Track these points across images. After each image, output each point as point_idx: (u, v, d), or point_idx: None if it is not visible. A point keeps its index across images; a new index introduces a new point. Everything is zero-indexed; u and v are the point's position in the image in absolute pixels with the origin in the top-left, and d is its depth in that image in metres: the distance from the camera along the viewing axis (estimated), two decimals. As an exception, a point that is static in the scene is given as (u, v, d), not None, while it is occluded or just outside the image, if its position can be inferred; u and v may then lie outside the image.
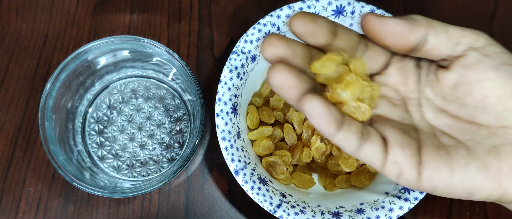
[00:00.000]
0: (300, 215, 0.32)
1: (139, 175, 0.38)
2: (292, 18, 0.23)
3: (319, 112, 0.21)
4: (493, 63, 0.23)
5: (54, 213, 0.38)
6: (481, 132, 0.24)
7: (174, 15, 0.43)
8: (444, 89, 0.24)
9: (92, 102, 0.39)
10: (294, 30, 0.23)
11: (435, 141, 0.24)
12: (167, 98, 0.40)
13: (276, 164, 0.35)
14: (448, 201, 0.39)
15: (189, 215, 0.38)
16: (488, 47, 0.23)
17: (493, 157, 0.23)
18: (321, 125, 0.21)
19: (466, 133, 0.24)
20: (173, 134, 0.39)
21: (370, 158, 0.23)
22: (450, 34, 0.23)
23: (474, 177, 0.23)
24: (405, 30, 0.23)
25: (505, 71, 0.22)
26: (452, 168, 0.23)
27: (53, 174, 0.39)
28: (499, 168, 0.23)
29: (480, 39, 0.23)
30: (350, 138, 0.22)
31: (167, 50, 0.35)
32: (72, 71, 0.35)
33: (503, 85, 0.22)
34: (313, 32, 0.23)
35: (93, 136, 0.39)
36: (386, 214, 0.32)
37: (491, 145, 0.23)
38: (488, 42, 0.23)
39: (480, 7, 0.45)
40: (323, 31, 0.23)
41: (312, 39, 0.23)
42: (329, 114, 0.21)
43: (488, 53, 0.23)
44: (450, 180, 0.23)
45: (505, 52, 0.23)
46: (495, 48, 0.23)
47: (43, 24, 0.43)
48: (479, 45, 0.23)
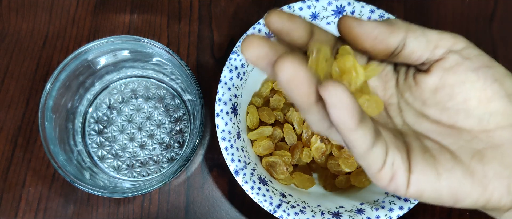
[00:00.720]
0: (300, 215, 0.32)
1: (139, 175, 0.38)
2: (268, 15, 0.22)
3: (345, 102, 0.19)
4: (473, 66, 0.23)
5: (54, 213, 0.38)
6: (464, 136, 0.23)
7: (174, 15, 0.43)
8: (424, 93, 0.24)
9: (92, 102, 0.39)
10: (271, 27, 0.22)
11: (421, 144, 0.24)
12: (167, 98, 0.40)
13: (276, 164, 0.35)
14: (448, 201, 0.39)
15: (189, 215, 0.38)
16: (467, 50, 0.23)
17: (477, 162, 0.23)
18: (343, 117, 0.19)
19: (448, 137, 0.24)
20: (173, 134, 0.39)
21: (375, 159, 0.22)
22: (429, 37, 0.23)
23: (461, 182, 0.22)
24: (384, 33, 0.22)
25: (484, 73, 0.22)
26: (438, 173, 0.22)
27: (53, 174, 0.39)
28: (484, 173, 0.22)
29: (459, 42, 0.23)
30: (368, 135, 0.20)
31: (167, 50, 0.35)
32: (72, 71, 0.35)
33: (484, 87, 0.22)
34: (290, 30, 0.22)
35: (93, 136, 0.39)
36: (386, 214, 0.32)
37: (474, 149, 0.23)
38: (466, 45, 0.23)
39: (480, 8, 0.45)
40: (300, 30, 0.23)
41: (288, 37, 0.23)
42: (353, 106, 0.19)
43: (467, 56, 0.23)
44: (437, 184, 0.22)
45: (483, 55, 0.23)
46: (474, 50, 0.23)
47: (43, 24, 0.43)
48: (458, 48, 0.23)
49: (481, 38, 0.44)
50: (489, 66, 0.23)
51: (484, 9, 0.45)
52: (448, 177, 0.22)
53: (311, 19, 0.34)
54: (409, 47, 0.23)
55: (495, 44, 0.44)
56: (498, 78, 0.22)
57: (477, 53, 0.23)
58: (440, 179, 0.22)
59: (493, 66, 0.23)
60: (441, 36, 0.23)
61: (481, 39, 0.44)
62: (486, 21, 0.44)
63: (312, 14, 0.34)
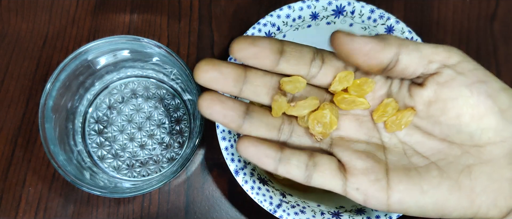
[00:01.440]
0: (300, 215, 0.32)
1: (139, 175, 0.38)
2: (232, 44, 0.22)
3: (253, 154, 0.23)
4: (467, 81, 0.22)
5: (54, 213, 0.38)
6: (454, 151, 0.23)
7: (174, 15, 0.43)
8: (417, 105, 0.24)
9: (92, 102, 0.39)
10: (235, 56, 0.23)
11: (405, 161, 0.24)
12: (167, 98, 0.40)
13: (276, 164, 0.35)
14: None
15: (189, 215, 0.38)
16: (461, 64, 0.23)
17: (465, 177, 0.23)
18: (258, 164, 0.23)
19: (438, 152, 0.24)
20: (173, 134, 0.39)
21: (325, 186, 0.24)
22: (422, 52, 0.23)
23: (446, 197, 0.23)
24: (376, 49, 0.22)
25: (478, 88, 0.22)
26: (423, 190, 0.23)
27: (53, 174, 0.39)
28: (472, 188, 0.23)
29: (453, 55, 0.23)
30: (291, 170, 0.23)
31: (167, 50, 0.35)
32: (72, 71, 0.35)
33: (477, 104, 0.22)
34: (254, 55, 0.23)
35: (93, 136, 0.39)
36: (386, 214, 0.32)
37: (463, 164, 0.23)
38: (461, 59, 0.23)
39: (481, 7, 0.44)
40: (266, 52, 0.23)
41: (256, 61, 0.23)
42: (262, 154, 0.23)
43: (461, 71, 0.22)
44: (421, 201, 0.23)
45: (478, 69, 0.23)
46: (468, 64, 0.23)
47: (43, 24, 0.43)
48: (453, 62, 0.23)
49: (482, 37, 0.44)
50: (484, 81, 0.22)
51: (485, 8, 0.44)
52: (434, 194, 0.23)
53: (311, 19, 0.34)
54: (402, 63, 0.23)
55: (496, 43, 0.44)
56: (491, 93, 0.22)
57: (472, 67, 0.23)
58: (425, 196, 0.23)
59: (487, 81, 0.22)
60: (435, 50, 0.23)
61: (482, 38, 0.44)
62: (487, 20, 0.44)
63: (312, 14, 0.34)
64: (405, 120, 0.24)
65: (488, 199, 0.23)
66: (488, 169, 0.23)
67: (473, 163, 0.23)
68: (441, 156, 0.24)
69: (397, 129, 0.24)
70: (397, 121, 0.24)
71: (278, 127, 0.24)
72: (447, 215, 0.23)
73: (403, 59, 0.23)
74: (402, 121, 0.24)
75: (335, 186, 0.24)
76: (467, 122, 0.23)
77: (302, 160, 0.24)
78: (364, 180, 0.23)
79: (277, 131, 0.24)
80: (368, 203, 0.23)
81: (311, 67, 0.24)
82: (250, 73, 0.23)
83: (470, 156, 0.23)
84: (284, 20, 0.34)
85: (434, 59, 0.23)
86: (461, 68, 0.23)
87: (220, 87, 0.23)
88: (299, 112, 0.24)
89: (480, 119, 0.22)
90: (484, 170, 0.23)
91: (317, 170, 0.23)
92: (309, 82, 0.25)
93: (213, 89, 0.23)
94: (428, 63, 0.23)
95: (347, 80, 0.24)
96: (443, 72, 0.23)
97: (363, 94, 0.25)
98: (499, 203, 0.23)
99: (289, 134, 0.25)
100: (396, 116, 0.24)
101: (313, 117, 0.24)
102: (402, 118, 0.24)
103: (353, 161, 0.23)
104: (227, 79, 0.23)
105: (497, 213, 0.23)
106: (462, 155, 0.23)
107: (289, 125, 0.25)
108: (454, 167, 0.23)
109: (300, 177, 0.24)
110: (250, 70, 0.24)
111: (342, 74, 0.24)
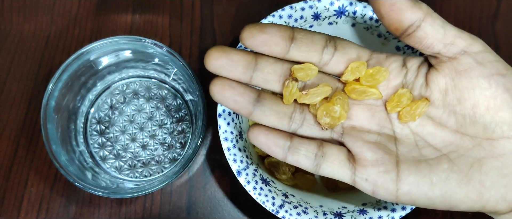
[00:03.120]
0: (303, 215, 0.32)
1: (141, 176, 0.38)
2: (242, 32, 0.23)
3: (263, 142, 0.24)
4: (486, 72, 0.22)
5: (56, 213, 0.38)
6: (465, 144, 0.23)
7: (176, 15, 0.43)
8: (433, 94, 0.24)
9: (94, 103, 0.39)
10: (245, 44, 0.23)
11: (416, 153, 0.24)
12: (169, 98, 0.40)
13: (278, 164, 0.35)
14: (451, 201, 0.39)
15: (191, 215, 0.38)
16: (482, 54, 0.22)
17: (475, 171, 0.23)
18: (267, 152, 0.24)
19: (450, 144, 0.24)
20: (175, 134, 0.39)
21: (333, 175, 0.24)
22: (447, 31, 0.22)
23: (455, 191, 0.23)
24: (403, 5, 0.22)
25: (496, 81, 0.22)
26: (432, 182, 0.23)
27: (55, 174, 0.39)
28: (481, 182, 0.22)
29: (476, 44, 0.22)
30: (300, 159, 0.24)
31: (169, 50, 0.35)
32: (74, 71, 0.35)
33: (494, 96, 0.22)
34: (264, 42, 0.23)
35: (95, 137, 0.39)
36: (388, 214, 0.32)
37: (474, 158, 0.23)
38: (483, 49, 0.22)
39: (483, 6, 0.44)
40: (276, 39, 0.23)
41: (266, 48, 0.23)
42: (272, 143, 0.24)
43: (482, 61, 0.22)
44: (430, 193, 0.23)
45: (499, 61, 0.22)
46: (489, 56, 0.22)
47: (45, 25, 0.43)
48: (474, 50, 0.22)
49: (484, 36, 0.44)
50: (503, 74, 0.22)
51: (488, 7, 0.44)
52: (442, 187, 0.23)
53: (313, 20, 0.34)
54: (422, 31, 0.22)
55: (498, 42, 0.43)
56: (510, 87, 0.22)
57: (493, 59, 0.22)
58: (433, 189, 0.23)
59: (507, 74, 0.22)
60: (460, 34, 0.22)
61: (484, 37, 0.43)
62: (489, 19, 0.44)
63: (314, 14, 0.34)
64: (420, 110, 0.24)
65: (498, 193, 0.23)
66: (499, 163, 0.23)
67: (484, 156, 0.23)
68: (453, 148, 0.24)
69: (411, 120, 0.24)
70: (411, 111, 0.24)
71: (289, 115, 0.25)
72: (454, 208, 0.23)
73: (425, 27, 0.22)
74: (417, 111, 0.24)
75: (344, 176, 0.24)
76: (482, 113, 0.23)
77: (311, 149, 0.24)
78: (373, 171, 0.23)
79: (288, 119, 0.25)
80: (376, 194, 0.24)
81: (323, 54, 0.24)
82: (261, 60, 0.24)
83: (481, 149, 0.23)
84: (286, 20, 0.34)
85: (457, 42, 0.22)
86: (482, 58, 0.22)
87: (230, 74, 0.23)
88: (311, 100, 0.24)
89: (496, 112, 0.22)
90: (495, 165, 0.23)
91: (326, 160, 0.24)
92: (321, 70, 0.25)
93: (223, 76, 0.23)
94: (450, 44, 0.22)
95: (359, 71, 0.24)
96: (462, 59, 0.22)
97: (376, 84, 0.24)
98: (508, 197, 0.23)
99: (301, 122, 0.25)
100: (410, 107, 0.24)
101: (323, 109, 0.24)
102: (417, 109, 0.24)
103: (363, 152, 0.24)
104: (237, 66, 0.23)
105: (505, 207, 0.23)
106: (474, 148, 0.23)
107: (301, 114, 0.25)
108: (465, 160, 0.23)
109: (308, 166, 0.24)
110: (261, 57, 0.24)
111: (354, 65, 0.24)
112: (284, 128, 0.25)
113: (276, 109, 0.24)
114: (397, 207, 0.32)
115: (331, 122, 0.24)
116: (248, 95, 0.23)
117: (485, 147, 0.23)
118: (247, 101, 0.23)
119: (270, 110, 0.24)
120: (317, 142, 0.24)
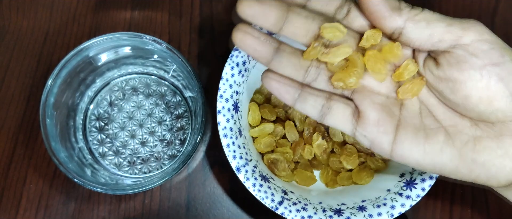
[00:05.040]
0: (302, 212, 0.32)
1: (140, 172, 0.38)
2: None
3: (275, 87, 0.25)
4: (479, 63, 0.22)
5: (55, 210, 0.38)
6: (464, 121, 0.24)
7: (175, 11, 0.43)
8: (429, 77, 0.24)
9: (93, 99, 0.39)
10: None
11: (417, 120, 0.25)
12: (168, 95, 0.40)
13: (277, 161, 0.35)
14: (450, 198, 0.39)
15: (190, 212, 0.38)
16: (475, 44, 0.22)
17: (469, 149, 0.23)
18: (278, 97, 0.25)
19: (450, 119, 0.24)
20: (174, 131, 0.39)
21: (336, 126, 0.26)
22: (433, 30, 0.22)
23: (445, 163, 0.23)
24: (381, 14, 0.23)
25: (489, 72, 0.22)
26: (425, 152, 0.24)
27: (54, 171, 0.39)
28: (474, 159, 0.23)
29: (468, 34, 0.22)
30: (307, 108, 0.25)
31: (168, 47, 0.34)
32: (73, 68, 0.35)
33: (487, 87, 0.22)
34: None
35: (94, 133, 0.39)
36: (388, 211, 0.32)
37: (470, 135, 0.23)
38: (476, 38, 0.22)
39: (482, 3, 0.44)
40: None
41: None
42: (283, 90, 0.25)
43: (474, 51, 0.22)
44: (421, 161, 0.24)
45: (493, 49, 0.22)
46: (483, 45, 0.22)
47: (44, 21, 0.43)
48: (466, 41, 0.22)
49: (484, 34, 0.44)
50: (497, 63, 0.22)
51: (487, 4, 0.44)
52: (434, 157, 0.24)
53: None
54: (405, 36, 0.23)
55: (498, 40, 0.43)
56: (504, 76, 0.22)
57: (487, 48, 0.22)
58: (425, 158, 0.24)
59: (501, 63, 0.22)
60: (448, 29, 0.22)
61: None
62: (488, 16, 0.44)
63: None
64: (416, 88, 0.25)
65: (489, 172, 0.23)
66: (493, 144, 0.23)
67: (481, 136, 0.23)
68: (452, 122, 0.24)
69: (407, 97, 0.25)
70: (409, 89, 0.25)
71: (305, 69, 0.25)
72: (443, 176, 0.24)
73: (407, 33, 0.23)
74: (414, 89, 0.25)
75: (346, 129, 0.25)
76: (475, 103, 0.23)
77: (319, 101, 0.25)
78: (373, 130, 0.24)
79: (304, 72, 0.25)
80: (372, 149, 0.25)
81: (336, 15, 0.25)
82: (292, 14, 0.24)
83: (478, 129, 0.24)
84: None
85: (445, 38, 0.22)
86: (474, 49, 0.22)
87: (261, 23, 0.23)
88: (331, 59, 0.24)
89: (489, 102, 0.22)
90: (489, 145, 0.23)
91: (331, 113, 0.25)
92: None
93: (254, 24, 0.24)
94: (438, 41, 0.23)
95: (374, 38, 0.24)
96: (455, 52, 0.22)
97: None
98: (498, 176, 0.23)
99: (315, 77, 0.26)
100: (408, 85, 0.25)
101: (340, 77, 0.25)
102: (414, 87, 0.25)
103: (368, 111, 0.25)
104: (269, 17, 0.23)
105: (496, 184, 0.24)
106: (472, 127, 0.24)
107: (317, 69, 0.25)
108: (461, 136, 0.24)
109: (314, 115, 0.26)
110: (292, 11, 0.24)
111: (369, 32, 0.24)
112: (299, 79, 0.26)
113: (294, 61, 0.25)
114: (396, 204, 0.32)
115: (343, 86, 0.25)
116: (268, 45, 0.24)
117: (481, 128, 0.23)
118: (267, 51, 0.24)
119: (288, 61, 0.25)
120: (326, 95, 0.26)
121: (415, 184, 0.32)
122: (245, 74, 0.34)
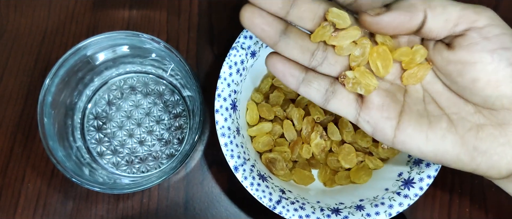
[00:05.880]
0: (300, 211, 0.32)
1: (138, 171, 0.38)
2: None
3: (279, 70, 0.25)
4: (490, 47, 0.22)
5: (53, 209, 0.38)
6: (468, 108, 0.24)
7: (174, 10, 0.43)
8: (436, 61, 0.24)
9: (91, 98, 0.39)
10: None
11: (420, 107, 0.25)
12: (166, 94, 0.40)
13: (275, 160, 0.35)
14: (448, 197, 0.39)
15: (188, 211, 0.38)
16: (488, 28, 0.22)
17: (471, 136, 0.23)
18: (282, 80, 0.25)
19: (453, 105, 0.24)
20: (173, 130, 0.39)
21: (339, 112, 0.26)
22: (448, 15, 0.23)
23: (447, 150, 0.23)
24: (404, 21, 0.23)
25: (500, 55, 0.22)
26: (427, 138, 0.24)
27: (52, 170, 0.39)
28: (476, 147, 0.23)
29: (482, 18, 0.22)
30: (311, 92, 0.25)
31: (166, 46, 0.34)
32: (71, 66, 0.35)
33: (496, 71, 0.22)
34: None
35: (92, 132, 0.39)
36: (385, 210, 0.32)
37: (473, 123, 0.23)
38: (489, 22, 0.22)
39: (482, 2, 0.44)
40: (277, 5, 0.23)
41: None
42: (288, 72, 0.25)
43: (486, 35, 0.22)
44: (423, 148, 0.24)
45: (505, 34, 0.22)
46: (495, 29, 0.22)
47: (42, 20, 0.43)
48: (480, 25, 0.22)
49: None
50: (508, 47, 0.22)
51: (487, 4, 0.44)
52: (436, 144, 0.24)
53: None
54: (427, 26, 0.23)
55: (496, 39, 0.43)
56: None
57: (499, 32, 0.22)
58: (427, 144, 0.24)
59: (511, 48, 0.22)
60: (463, 13, 0.22)
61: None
62: (487, 16, 0.44)
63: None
64: (421, 73, 0.25)
65: (490, 160, 0.23)
66: (496, 132, 0.23)
67: (484, 123, 0.23)
68: (455, 109, 0.24)
69: (412, 83, 0.25)
70: (413, 74, 0.25)
71: (312, 52, 0.25)
72: (445, 164, 0.24)
73: (428, 23, 0.23)
74: (418, 75, 0.25)
75: (349, 114, 0.26)
76: (482, 87, 0.23)
77: (323, 85, 0.25)
78: (377, 115, 0.25)
79: (310, 56, 0.25)
80: (375, 135, 0.25)
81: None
82: None
83: (481, 116, 0.24)
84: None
85: (460, 22, 0.23)
86: (487, 32, 0.22)
87: (268, 6, 0.23)
88: (340, 42, 0.24)
89: (497, 86, 0.22)
90: (492, 132, 0.23)
91: (335, 97, 0.25)
92: None
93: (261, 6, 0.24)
94: (454, 26, 0.23)
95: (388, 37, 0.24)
96: (468, 35, 0.23)
97: None
98: (500, 166, 0.23)
99: (321, 61, 0.25)
100: (413, 70, 0.25)
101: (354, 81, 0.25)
102: (418, 72, 0.25)
103: (372, 96, 0.25)
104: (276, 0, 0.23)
105: (496, 174, 0.24)
106: (475, 114, 0.24)
107: (323, 52, 0.25)
108: (464, 123, 0.24)
109: (318, 99, 0.26)
110: None
111: None
112: (305, 63, 0.25)
113: (300, 43, 0.25)
114: (394, 203, 0.32)
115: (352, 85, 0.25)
116: (276, 26, 0.24)
117: (485, 115, 0.23)
118: (274, 31, 0.24)
119: (294, 43, 0.25)
120: (330, 79, 0.26)
121: (413, 183, 0.32)
122: (243, 73, 0.34)
